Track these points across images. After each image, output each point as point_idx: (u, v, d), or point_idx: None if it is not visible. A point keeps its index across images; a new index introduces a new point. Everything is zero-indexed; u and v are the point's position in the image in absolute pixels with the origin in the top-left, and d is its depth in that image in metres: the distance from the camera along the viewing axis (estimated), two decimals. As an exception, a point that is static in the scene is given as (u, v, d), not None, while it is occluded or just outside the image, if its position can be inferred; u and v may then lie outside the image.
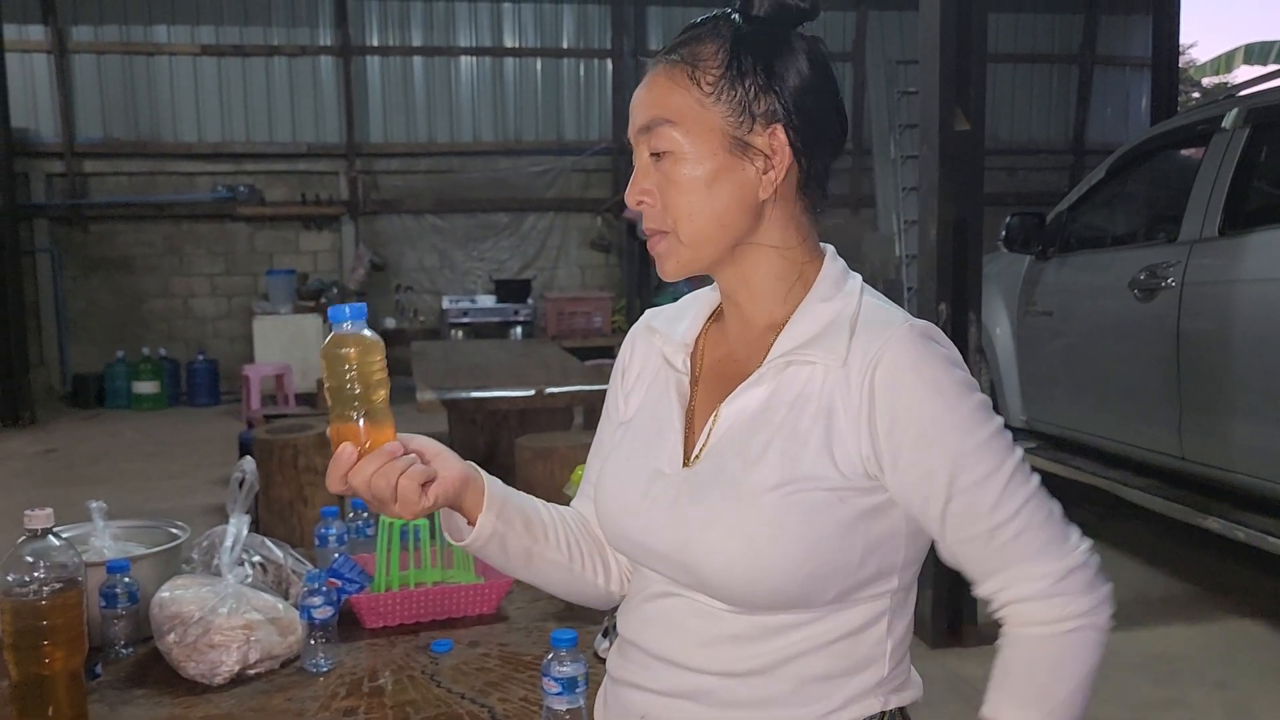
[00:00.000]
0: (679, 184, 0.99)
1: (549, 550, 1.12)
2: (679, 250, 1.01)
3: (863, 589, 0.98)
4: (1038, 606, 0.95)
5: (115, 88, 9.11)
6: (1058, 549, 0.96)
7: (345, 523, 2.01)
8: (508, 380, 4.80)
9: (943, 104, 3.33)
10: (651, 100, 1.01)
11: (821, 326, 0.99)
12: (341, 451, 0.97)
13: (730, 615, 0.98)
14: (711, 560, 0.96)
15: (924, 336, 0.97)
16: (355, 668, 1.61)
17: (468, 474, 1.06)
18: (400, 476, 0.97)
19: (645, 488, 1.04)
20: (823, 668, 0.98)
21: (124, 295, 9.30)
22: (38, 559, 1.29)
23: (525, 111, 9.87)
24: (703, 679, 1.00)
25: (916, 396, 0.94)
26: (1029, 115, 10.53)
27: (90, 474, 6.37)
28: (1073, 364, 4.42)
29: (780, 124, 0.98)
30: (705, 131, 0.98)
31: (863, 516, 0.96)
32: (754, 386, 1.00)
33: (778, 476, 0.95)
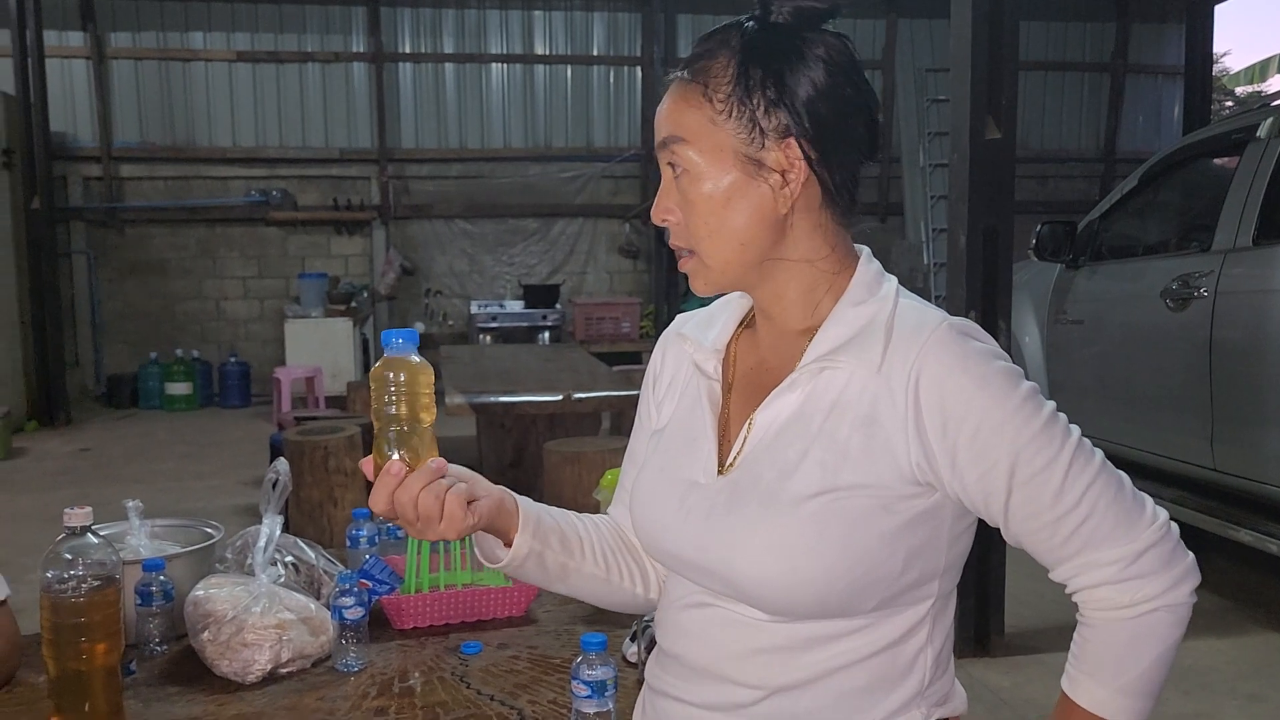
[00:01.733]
0: (696, 204, 0.98)
1: (586, 565, 1.12)
2: (705, 271, 1.01)
3: (903, 596, 0.97)
4: (1110, 592, 0.94)
5: (152, 93, 9.24)
6: (1127, 531, 0.94)
7: (376, 524, 2.03)
8: (536, 385, 4.82)
9: (974, 112, 3.32)
10: (668, 117, 1.00)
11: (854, 331, 0.98)
12: (390, 467, 0.96)
13: (769, 626, 0.97)
14: (750, 571, 0.95)
15: (963, 334, 0.96)
16: (386, 668, 1.63)
17: (502, 496, 1.06)
18: (448, 493, 0.97)
19: (681, 498, 1.03)
20: (863, 680, 0.97)
21: (158, 297, 9.42)
22: (76, 556, 1.31)
23: (555, 118, 9.91)
24: (743, 691, 0.99)
25: (965, 395, 0.93)
26: (1059, 123, 10.46)
27: (124, 473, 6.45)
28: (1103, 373, 4.39)
29: (793, 137, 0.97)
30: (717, 150, 0.97)
31: (907, 524, 0.95)
32: (787, 393, 1.00)
33: (817, 485, 0.94)
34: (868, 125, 1.01)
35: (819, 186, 0.99)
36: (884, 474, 0.94)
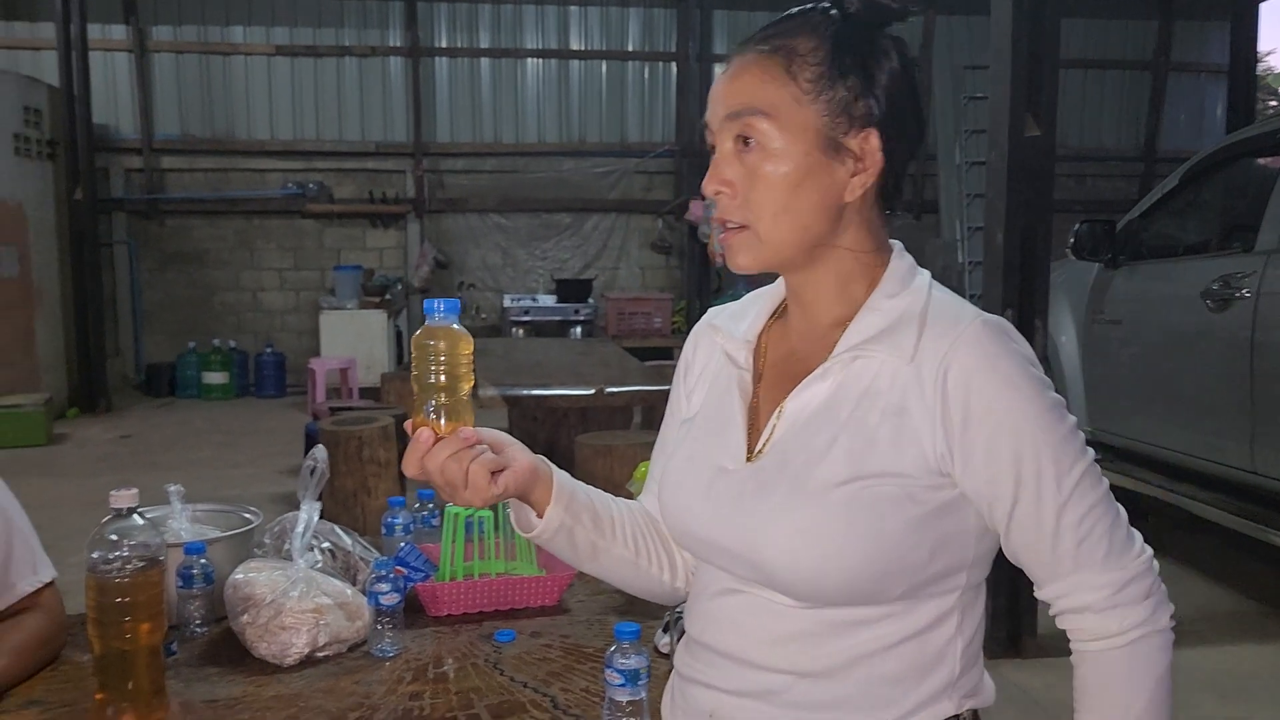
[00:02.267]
0: (766, 180, 0.97)
1: (615, 546, 1.13)
2: (756, 247, 1.00)
3: (931, 586, 0.98)
4: (1096, 620, 0.96)
5: (192, 86, 9.36)
6: (1119, 559, 0.96)
7: (411, 513, 2.05)
8: (568, 378, 4.84)
9: (1013, 109, 3.29)
10: (742, 88, 0.98)
11: (888, 322, 0.98)
12: (419, 436, 0.99)
13: (797, 611, 0.98)
14: (779, 555, 0.96)
15: (998, 331, 0.96)
16: (420, 654, 1.64)
17: (537, 466, 1.07)
18: (472, 463, 0.99)
19: (709, 484, 1.04)
20: (893, 669, 0.98)
21: (196, 287, 9.54)
22: (122, 537, 1.34)
23: (589, 113, 9.93)
24: (771, 678, 0.99)
25: (990, 393, 0.94)
26: (1099, 122, 10.34)
27: (163, 460, 6.55)
28: (1141, 374, 4.34)
29: (874, 128, 0.97)
30: (799, 129, 0.96)
31: (932, 513, 0.95)
32: (818, 381, 1.00)
33: (845, 472, 0.95)
34: (919, 124, 1.02)
35: (880, 179, 1.00)
36: (911, 463, 0.95)
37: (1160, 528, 4.64)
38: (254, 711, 1.44)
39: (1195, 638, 3.58)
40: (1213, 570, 4.32)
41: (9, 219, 7.69)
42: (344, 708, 1.45)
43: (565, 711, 1.44)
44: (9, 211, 7.69)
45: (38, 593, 1.61)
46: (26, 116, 7.93)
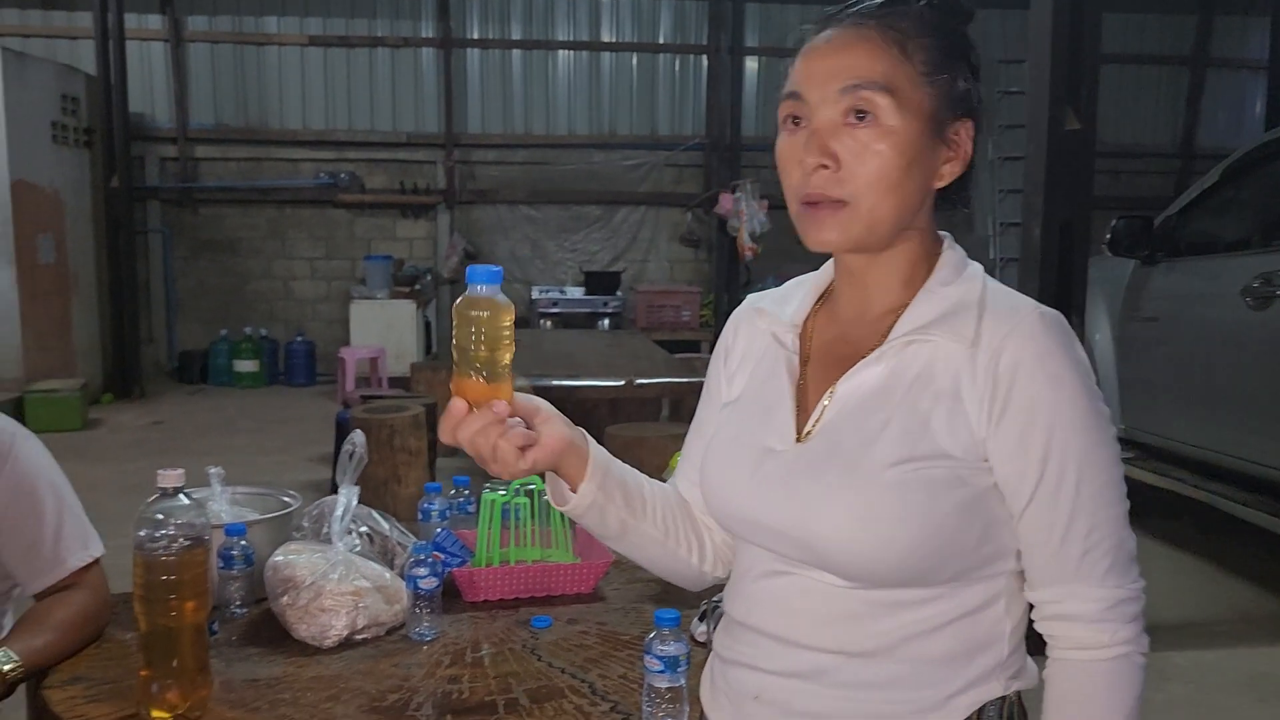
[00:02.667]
0: (881, 155, 0.96)
1: (646, 525, 1.13)
2: (850, 225, 0.98)
3: (981, 568, 0.98)
4: (1085, 630, 0.96)
5: (227, 76, 9.43)
6: (1118, 578, 0.96)
7: (447, 499, 2.07)
8: (598, 370, 4.85)
9: (1052, 102, 3.26)
10: (858, 62, 0.96)
11: (945, 309, 0.99)
12: (452, 407, 0.99)
13: (846, 592, 0.98)
14: (832, 535, 0.96)
15: (1055, 326, 0.96)
16: (458, 638, 1.65)
17: (572, 441, 1.06)
18: (500, 438, 0.98)
19: (756, 464, 1.04)
20: (942, 649, 0.98)
21: (229, 276, 9.63)
22: (168, 517, 1.35)
23: (620, 105, 9.93)
24: (819, 658, 1.00)
25: (1035, 388, 0.94)
26: (1135, 118, 10.21)
27: (195, 446, 6.62)
28: (1177, 372, 4.29)
29: (970, 118, 1.00)
30: (915, 109, 0.96)
31: (981, 496, 0.96)
32: (873, 365, 1.00)
33: (898, 454, 0.95)
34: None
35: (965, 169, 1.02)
36: (961, 447, 0.95)
37: (1196, 528, 4.60)
38: (294, 691, 1.46)
39: (1233, 639, 3.54)
40: (1250, 572, 4.27)
41: (47, 206, 7.79)
42: (383, 689, 1.47)
43: (603, 698, 1.45)
44: (47, 199, 7.78)
45: (85, 570, 1.64)
46: (64, 105, 8.02)
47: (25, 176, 7.44)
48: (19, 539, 1.61)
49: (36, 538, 1.61)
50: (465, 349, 0.99)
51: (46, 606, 1.59)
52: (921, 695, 0.98)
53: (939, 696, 0.98)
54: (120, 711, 1.38)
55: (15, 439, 1.64)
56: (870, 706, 0.98)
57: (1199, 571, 4.30)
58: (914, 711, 0.98)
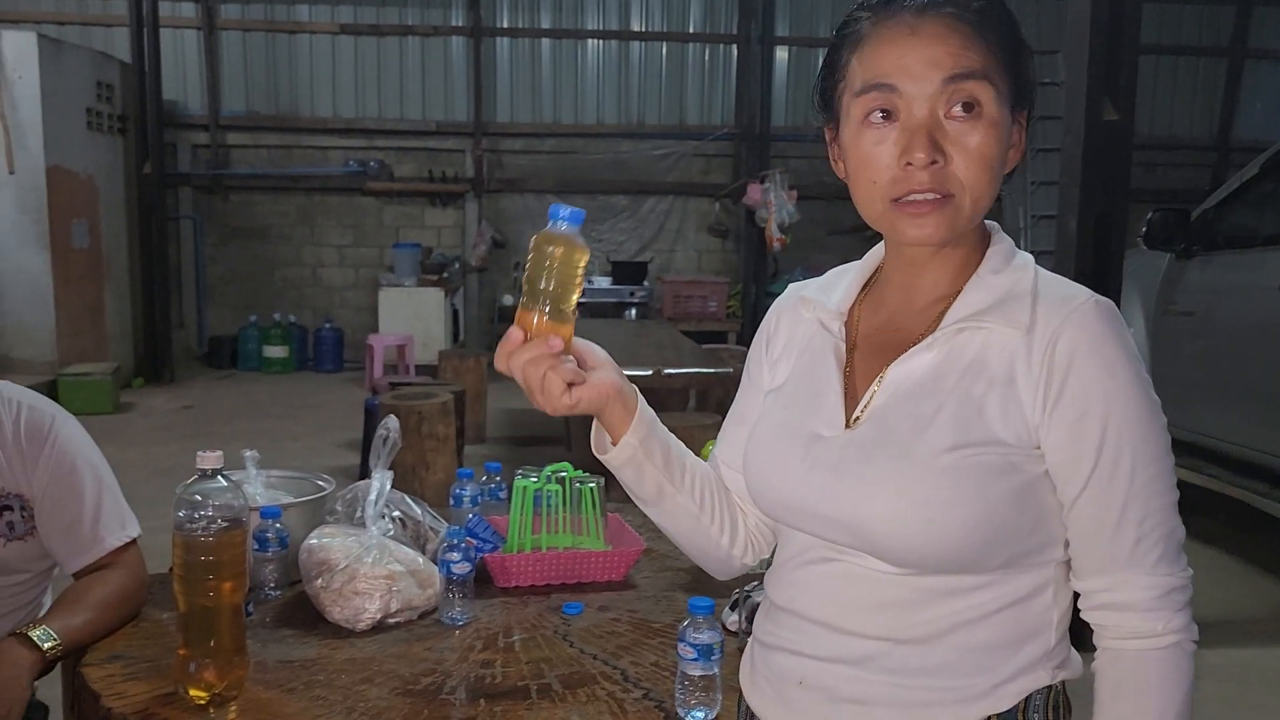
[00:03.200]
0: (985, 148, 0.95)
1: (681, 494, 1.13)
2: (957, 219, 0.97)
3: (1031, 556, 0.98)
4: (1137, 619, 0.95)
5: (258, 64, 9.48)
6: (1169, 566, 0.96)
7: (479, 485, 2.07)
8: (624, 359, 4.83)
9: (1090, 93, 3.22)
10: (959, 52, 0.94)
11: (997, 296, 0.99)
12: (511, 333, 1.01)
13: (894, 579, 0.98)
14: (884, 522, 0.95)
15: (1110, 314, 0.96)
16: (490, 623, 1.66)
17: (620, 390, 1.07)
18: (549, 370, 1.00)
19: (804, 450, 1.03)
20: (990, 637, 0.97)
21: (258, 262, 9.70)
22: (207, 498, 1.36)
23: (649, 95, 9.90)
24: (866, 644, 0.99)
25: (1089, 376, 0.94)
26: (1171, 109, 10.08)
27: (225, 431, 6.68)
28: (1213, 367, 4.24)
29: (1027, 109, 1.00)
30: (1005, 100, 0.97)
31: (1033, 482, 0.96)
32: (924, 352, 1.00)
33: (952, 440, 0.95)
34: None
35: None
36: (1014, 434, 0.95)
37: (1230, 525, 4.54)
38: (329, 673, 1.47)
39: (1267, 637, 3.50)
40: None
41: (82, 192, 7.87)
42: (416, 673, 1.47)
43: (635, 685, 1.44)
44: (81, 185, 7.87)
45: (122, 550, 1.66)
46: (99, 92, 8.09)
47: (60, 162, 7.53)
48: (59, 518, 1.64)
49: (76, 517, 1.63)
50: (535, 281, 1.00)
51: (85, 585, 1.61)
52: (969, 683, 0.97)
53: (987, 684, 0.98)
54: (158, 690, 1.39)
55: (56, 420, 1.66)
56: (917, 694, 0.98)
57: (1233, 569, 4.25)
58: (961, 699, 0.97)
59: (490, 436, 6.43)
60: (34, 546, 1.66)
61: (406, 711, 1.35)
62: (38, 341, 7.47)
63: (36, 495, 1.64)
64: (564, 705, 1.38)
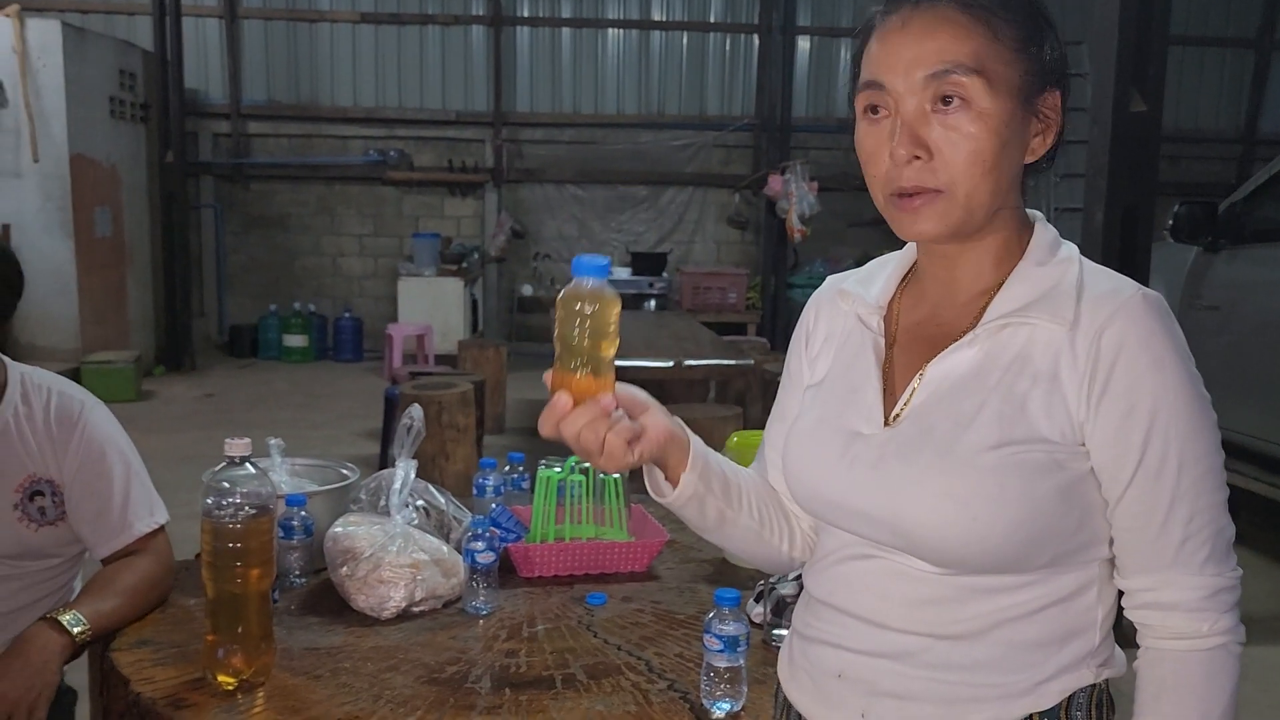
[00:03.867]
0: (973, 141, 0.93)
1: (742, 516, 1.12)
2: (950, 213, 0.95)
3: (1076, 555, 0.96)
4: (1183, 619, 0.94)
5: (279, 52, 9.51)
6: (1217, 566, 0.94)
7: (502, 475, 2.07)
8: (644, 351, 4.83)
9: (1118, 83, 3.18)
10: (944, 46, 0.93)
11: (1041, 291, 0.96)
12: (557, 400, 0.96)
13: (935, 577, 0.97)
14: (925, 521, 0.94)
15: (1158, 309, 0.94)
16: (514, 613, 1.66)
17: (674, 431, 1.04)
18: (609, 433, 0.97)
19: (843, 448, 1.02)
20: (1033, 634, 0.96)
21: (278, 252, 9.74)
22: (235, 485, 1.37)
23: (669, 85, 9.88)
24: (907, 639, 0.98)
25: (1137, 371, 0.92)
26: (1196, 102, 9.97)
27: (245, 419, 6.71)
28: (1239, 362, 4.19)
29: (1058, 87, 0.97)
30: (1007, 88, 0.94)
31: (1078, 480, 0.94)
32: (965, 348, 0.98)
33: (995, 438, 0.93)
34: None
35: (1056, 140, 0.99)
36: (1059, 431, 0.93)
37: (1257, 523, 4.50)
38: (354, 661, 1.47)
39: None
40: (1307, 567, 4.18)
41: (105, 180, 7.92)
42: (441, 661, 1.48)
43: (660, 676, 1.44)
44: (104, 173, 7.91)
45: (151, 536, 1.67)
46: (122, 80, 8.14)
47: (84, 151, 7.57)
48: (88, 504, 1.65)
49: (105, 503, 1.64)
50: (569, 342, 0.96)
51: (113, 571, 1.62)
52: (1012, 680, 0.96)
53: (1029, 682, 0.97)
54: (186, 675, 1.40)
55: (85, 407, 1.67)
56: (958, 689, 0.97)
57: (1259, 567, 4.21)
58: (1003, 696, 0.97)
59: (510, 427, 6.44)
60: (64, 532, 1.67)
61: (432, 700, 1.35)
62: (61, 329, 7.52)
63: (67, 481, 1.65)
64: (589, 695, 1.38)
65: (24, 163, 7.32)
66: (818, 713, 1.05)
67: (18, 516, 1.62)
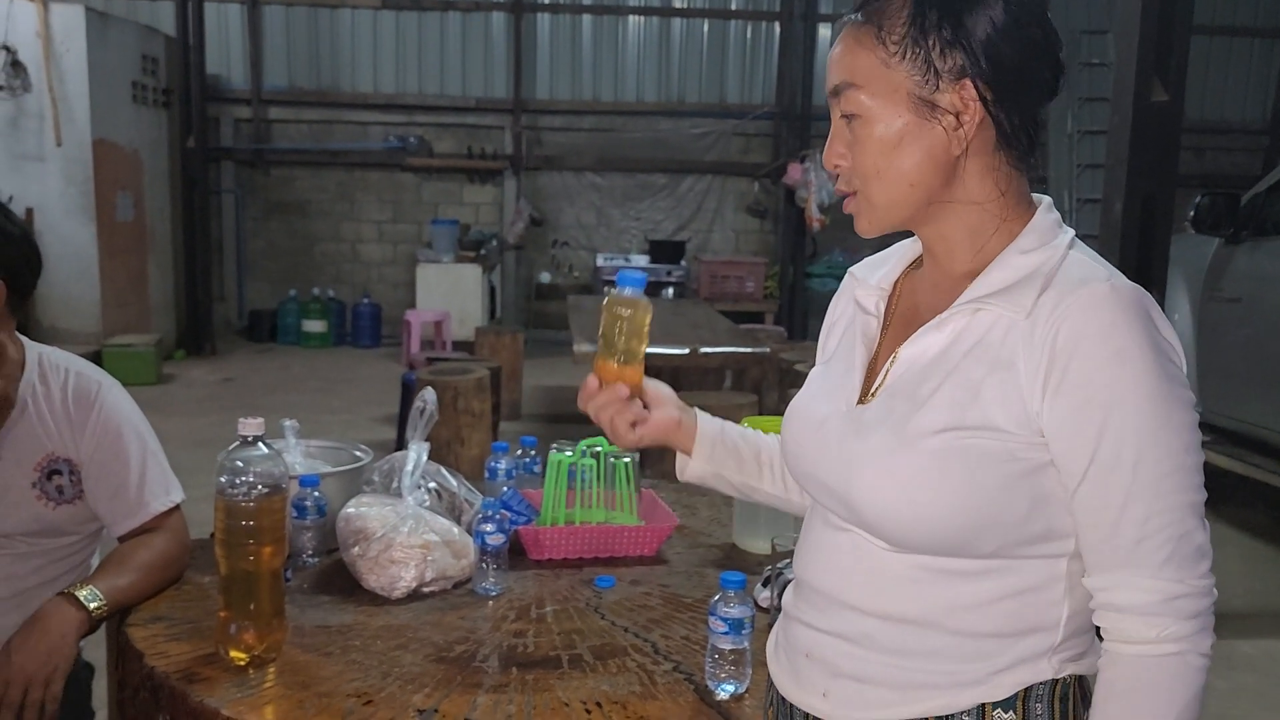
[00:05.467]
0: (866, 146, 0.99)
1: (764, 484, 1.28)
2: (869, 211, 1.03)
3: (1030, 546, 0.96)
4: (1134, 622, 0.91)
5: (300, 38, 9.53)
6: (1178, 570, 0.90)
7: (514, 458, 2.09)
8: (662, 338, 4.84)
9: (1139, 72, 3.16)
10: (840, 63, 1.00)
11: (1017, 278, 0.97)
12: (589, 381, 1.22)
13: (892, 555, 0.99)
14: (869, 499, 0.97)
15: (1127, 301, 0.92)
16: (523, 595, 1.68)
17: (680, 421, 1.25)
18: (616, 415, 1.22)
19: (819, 424, 1.06)
20: (989, 625, 0.97)
21: (298, 237, 9.78)
22: (248, 464, 1.39)
23: (689, 73, 9.85)
24: (865, 621, 1.00)
25: (1095, 363, 0.90)
26: (1222, 92, 9.86)
27: (264, 403, 6.76)
28: (1260, 355, 4.16)
29: (969, 78, 0.95)
30: (889, 92, 0.97)
31: (1029, 472, 0.94)
32: (934, 331, 1.00)
33: (944, 422, 0.95)
34: (1051, 67, 0.99)
35: (994, 129, 0.98)
36: (1014, 420, 0.93)
37: (1271, 516, 4.47)
38: (364, 639, 1.49)
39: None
40: (1325, 562, 4.15)
41: (127, 165, 7.98)
42: (450, 640, 1.49)
43: (665, 657, 1.46)
44: (126, 158, 7.97)
45: (166, 514, 1.69)
46: (144, 65, 8.19)
47: (106, 135, 7.63)
48: (106, 483, 1.67)
49: (122, 482, 1.67)
50: (610, 338, 1.22)
51: (130, 548, 1.64)
52: (964, 669, 0.97)
53: (983, 672, 0.97)
54: (199, 650, 1.42)
55: (102, 387, 1.69)
56: (912, 675, 0.99)
57: (1272, 559, 4.19)
58: (956, 684, 0.98)
59: (526, 413, 6.46)
60: (82, 510, 1.69)
61: (440, 678, 1.37)
62: (83, 313, 7.60)
63: (84, 460, 1.67)
64: (594, 675, 1.39)
65: (47, 147, 7.38)
66: (791, 690, 1.09)
67: (36, 495, 1.65)
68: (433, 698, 1.31)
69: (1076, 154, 8.40)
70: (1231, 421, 4.36)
